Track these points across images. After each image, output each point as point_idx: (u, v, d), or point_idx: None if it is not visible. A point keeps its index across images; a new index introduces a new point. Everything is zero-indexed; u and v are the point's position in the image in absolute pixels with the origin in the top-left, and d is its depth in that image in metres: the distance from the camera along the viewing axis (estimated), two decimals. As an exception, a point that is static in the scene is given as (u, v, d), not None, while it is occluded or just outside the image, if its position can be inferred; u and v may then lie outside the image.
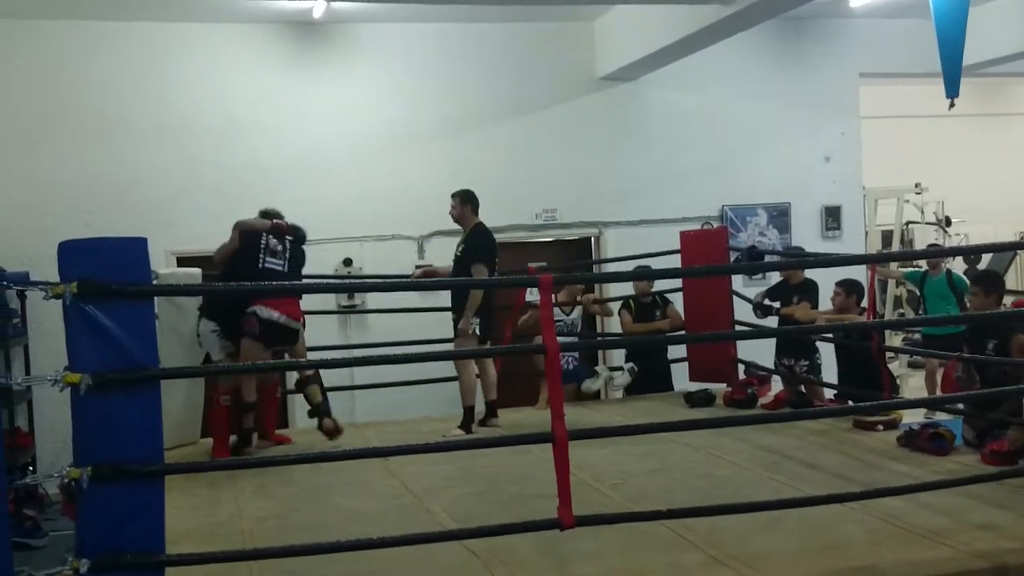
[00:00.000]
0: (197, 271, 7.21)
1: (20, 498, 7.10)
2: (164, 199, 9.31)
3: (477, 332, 6.99)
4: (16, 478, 7.06)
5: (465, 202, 7.23)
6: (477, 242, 7.15)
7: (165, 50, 9.42)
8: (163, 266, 7.94)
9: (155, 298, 5.19)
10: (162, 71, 9.41)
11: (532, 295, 8.16)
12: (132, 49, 9.35)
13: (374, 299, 9.57)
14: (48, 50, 9.14)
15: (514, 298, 8.26)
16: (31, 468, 8.52)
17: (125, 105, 9.29)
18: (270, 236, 6.56)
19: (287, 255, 6.61)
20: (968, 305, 7.59)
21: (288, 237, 6.65)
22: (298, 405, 9.36)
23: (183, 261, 8.70)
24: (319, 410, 6.66)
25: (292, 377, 9.32)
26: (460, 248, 7.24)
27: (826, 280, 7.88)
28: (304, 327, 6.77)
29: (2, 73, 9.06)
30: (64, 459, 3.61)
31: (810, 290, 7.89)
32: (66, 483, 3.44)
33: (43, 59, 9.13)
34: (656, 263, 8.50)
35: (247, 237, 6.53)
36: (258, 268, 6.41)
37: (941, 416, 7.11)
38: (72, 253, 3.51)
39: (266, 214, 6.80)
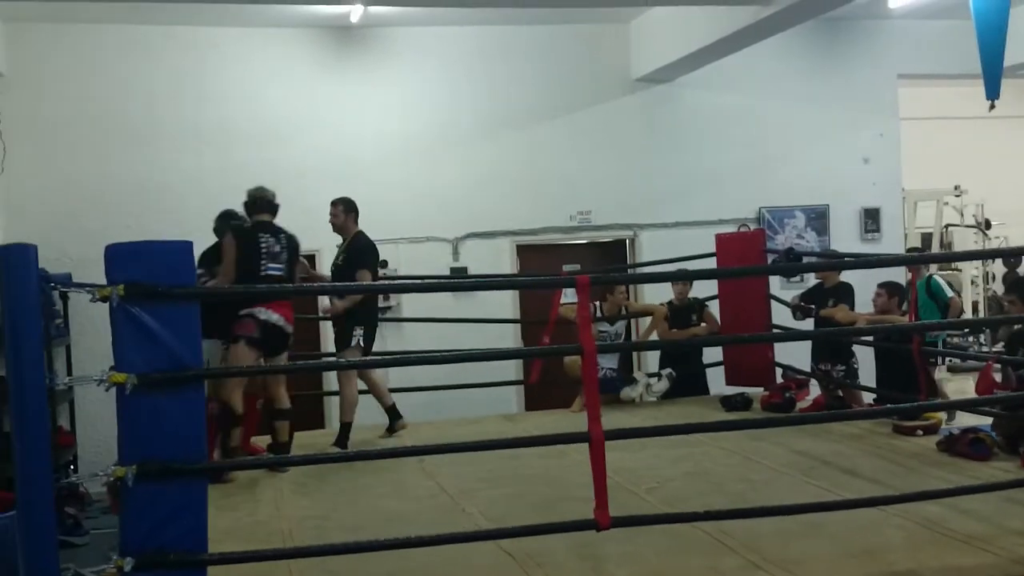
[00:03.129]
0: None
1: (62, 496, 7.21)
2: (203, 203, 9.37)
3: (361, 344, 6.79)
4: (59, 477, 7.19)
5: (348, 211, 7.01)
6: (361, 249, 6.95)
7: (203, 55, 9.53)
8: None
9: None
10: (200, 76, 9.52)
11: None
12: (171, 54, 9.46)
13: (408, 305, 9.67)
14: (88, 54, 9.28)
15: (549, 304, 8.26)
16: (73, 467, 8.67)
17: (164, 110, 9.41)
18: (268, 236, 6.20)
19: (286, 255, 6.26)
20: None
21: (282, 234, 6.30)
22: (333, 406, 9.46)
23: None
24: (279, 451, 6.31)
25: (328, 378, 9.45)
26: (341, 256, 7.02)
27: (863, 284, 7.80)
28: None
29: (43, 78, 9.20)
30: (105, 458, 3.66)
31: (845, 293, 7.76)
32: (112, 482, 3.49)
33: (83, 64, 9.27)
34: (692, 266, 8.45)
35: (244, 241, 6.15)
36: (259, 276, 6.08)
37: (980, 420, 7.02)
38: (119, 256, 3.56)
39: (257, 201, 6.36)
